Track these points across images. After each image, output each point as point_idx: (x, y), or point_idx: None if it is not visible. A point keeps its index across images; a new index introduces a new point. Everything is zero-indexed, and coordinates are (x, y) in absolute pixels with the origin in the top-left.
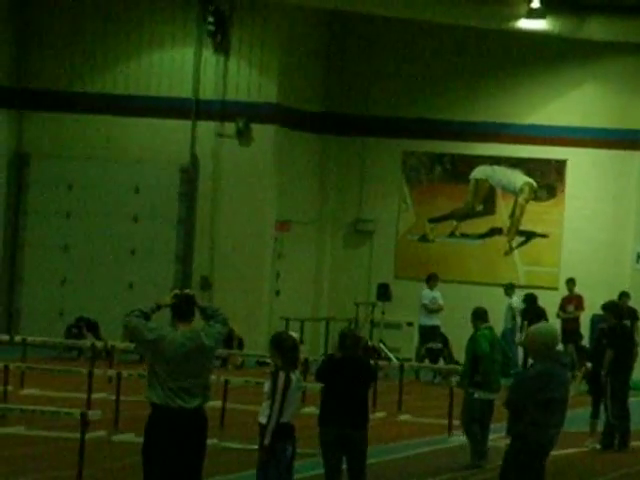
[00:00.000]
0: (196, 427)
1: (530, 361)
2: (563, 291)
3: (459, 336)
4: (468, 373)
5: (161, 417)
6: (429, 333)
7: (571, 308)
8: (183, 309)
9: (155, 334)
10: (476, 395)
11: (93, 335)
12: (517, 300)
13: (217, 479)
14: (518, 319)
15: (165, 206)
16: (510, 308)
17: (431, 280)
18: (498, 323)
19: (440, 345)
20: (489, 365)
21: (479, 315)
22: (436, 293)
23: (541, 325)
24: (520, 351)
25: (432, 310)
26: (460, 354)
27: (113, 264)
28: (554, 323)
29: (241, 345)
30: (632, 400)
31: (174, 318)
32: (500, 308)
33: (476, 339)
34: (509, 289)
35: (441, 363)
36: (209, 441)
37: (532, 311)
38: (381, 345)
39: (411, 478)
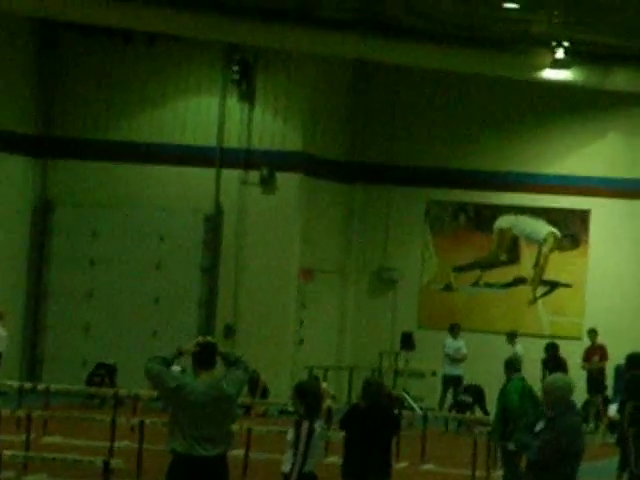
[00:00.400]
0: (218, 476)
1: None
2: (587, 341)
3: (484, 387)
4: (499, 426)
5: (183, 465)
6: (452, 382)
7: (596, 359)
8: (205, 357)
9: (176, 382)
10: (510, 447)
11: (109, 381)
12: (520, 348)
13: None
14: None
15: (189, 254)
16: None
17: (454, 329)
18: (526, 374)
19: (470, 399)
20: (518, 418)
21: (511, 365)
22: (460, 342)
23: (558, 376)
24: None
25: (455, 359)
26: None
27: (137, 312)
28: (577, 374)
29: (265, 394)
30: None
31: (195, 366)
32: (527, 358)
33: (506, 391)
34: (511, 337)
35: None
36: None
37: (553, 360)
38: (404, 394)
39: None
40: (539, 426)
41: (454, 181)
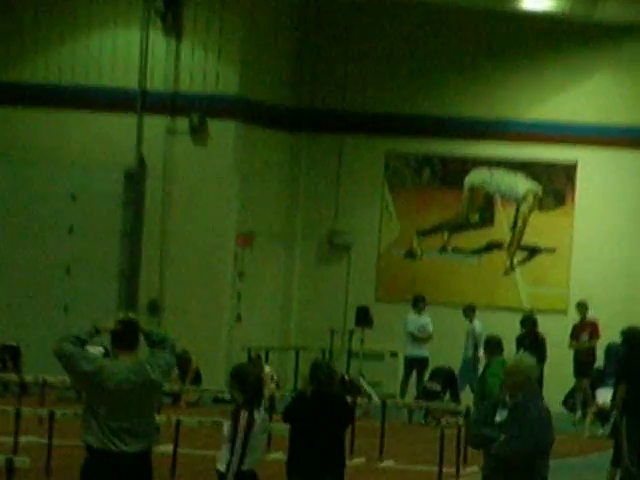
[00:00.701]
0: (140, 475)
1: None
2: (573, 316)
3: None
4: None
5: (99, 463)
6: (416, 365)
7: (585, 337)
8: (125, 336)
9: (94, 365)
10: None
11: (13, 365)
12: (479, 325)
13: None
14: (481, 348)
15: (106, 216)
16: (472, 334)
17: (419, 303)
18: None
19: (439, 387)
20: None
21: (493, 345)
22: (425, 319)
23: (521, 356)
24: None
25: (420, 339)
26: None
27: (45, 284)
28: (560, 353)
29: (197, 379)
30: None
31: (114, 347)
32: (505, 337)
33: (486, 375)
34: (469, 311)
35: None
36: None
37: (529, 337)
38: (360, 379)
39: None
40: (500, 416)
41: (417, 129)
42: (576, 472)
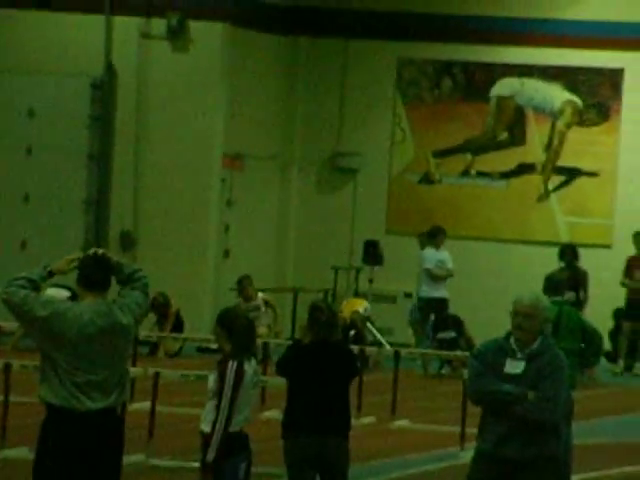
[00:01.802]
0: (109, 436)
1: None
2: (618, 250)
3: (474, 314)
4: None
5: (60, 423)
6: (434, 308)
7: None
8: (91, 273)
9: (49, 309)
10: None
11: None
12: (446, 256)
13: None
14: (425, 281)
15: (71, 134)
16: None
17: (437, 236)
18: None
19: (453, 334)
20: None
21: (552, 284)
22: (443, 254)
23: (539, 294)
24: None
25: (438, 277)
26: (480, 341)
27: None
28: (601, 293)
29: (179, 326)
30: None
31: (80, 287)
32: (536, 273)
33: None
34: (431, 237)
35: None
36: (134, 457)
37: (569, 272)
38: (368, 325)
39: None
40: (511, 367)
41: (435, 31)
42: (619, 433)
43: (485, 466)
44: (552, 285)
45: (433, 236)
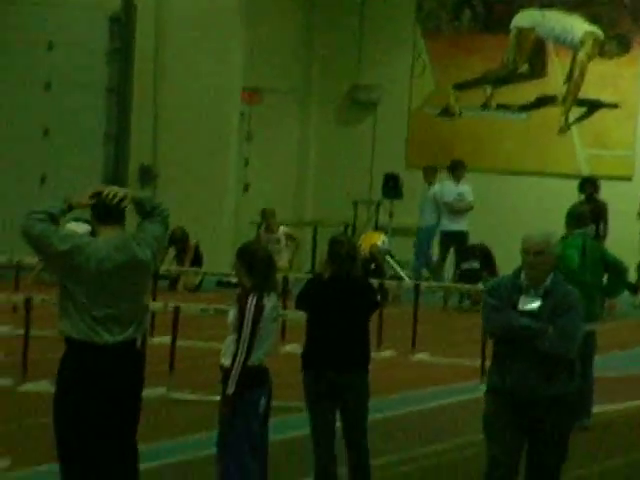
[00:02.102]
0: (129, 368)
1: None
2: (639, 182)
3: (494, 248)
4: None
5: (80, 357)
6: (454, 242)
7: None
8: (107, 208)
9: (69, 243)
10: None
11: None
12: (438, 189)
13: (164, 444)
14: (444, 217)
15: (89, 68)
16: (432, 199)
17: (456, 169)
18: (560, 228)
19: (476, 265)
20: (577, 286)
21: (575, 216)
22: (463, 187)
23: (549, 230)
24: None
25: (458, 210)
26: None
27: (18, 150)
28: (625, 226)
29: (198, 260)
30: None
31: (95, 221)
32: (557, 206)
33: (564, 250)
34: (429, 173)
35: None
36: (154, 391)
37: (589, 204)
38: (388, 258)
39: (429, 439)
40: (525, 304)
41: None
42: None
43: (501, 402)
44: (575, 217)
45: (453, 169)
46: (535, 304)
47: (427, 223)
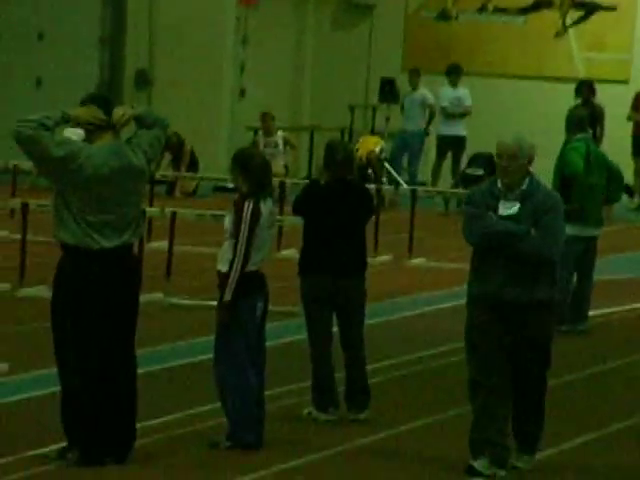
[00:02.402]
0: (125, 273)
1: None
2: (636, 85)
3: (492, 150)
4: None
5: (76, 262)
6: (451, 146)
7: None
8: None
9: (65, 149)
10: (570, 231)
11: None
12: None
13: (162, 348)
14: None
15: None
16: (421, 103)
17: (453, 73)
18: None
19: (480, 172)
20: (584, 190)
21: (575, 121)
22: (461, 91)
23: (520, 133)
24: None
25: (455, 115)
26: None
27: (13, 53)
28: (620, 129)
29: (193, 165)
30: None
31: (91, 129)
32: (554, 109)
33: (565, 154)
34: (413, 75)
35: None
36: (151, 296)
37: (586, 107)
38: (384, 163)
39: (427, 343)
40: (506, 208)
41: None
42: (635, 269)
43: (485, 309)
44: (575, 122)
45: (449, 73)
46: (514, 208)
47: (414, 128)
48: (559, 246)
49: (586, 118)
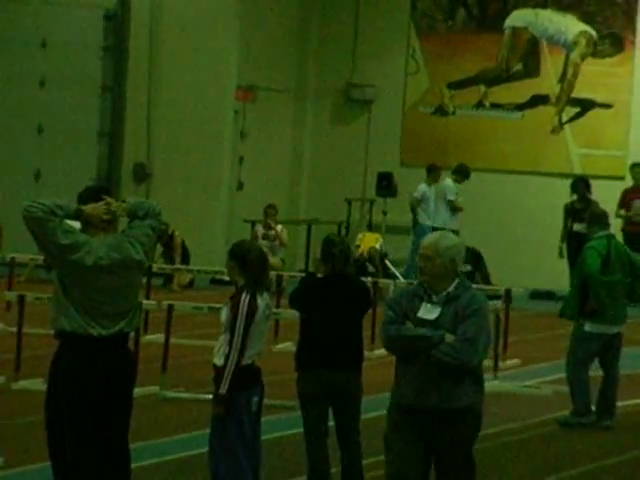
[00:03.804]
0: (121, 361)
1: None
2: (629, 181)
3: (487, 246)
4: (574, 301)
5: (72, 348)
6: None
7: (638, 204)
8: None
9: (71, 239)
10: (587, 328)
11: None
12: (450, 186)
13: (157, 441)
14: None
15: (84, 66)
16: (443, 198)
17: (461, 173)
18: (552, 226)
19: (469, 267)
20: (599, 288)
21: (596, 218)
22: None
23: (442, 233)
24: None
25: (457, 209)
26: (494, 274)
27: (13, 146)
28: (616, 224)
29: (186, 256)
30: None
31: (90, 226)
32: (549, 205)
33: (585, 252)
34: (432, 171)
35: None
36: (147, 390)
37: (582, 203)
38: (386, 262)
39: None
40: (427, 311)
41: None
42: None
43: (404, 419)
44: (597, 218)
45: (458, 172)
46: (434, 312)
47: (440, 224)
48: (479, 353)
49: (606, 215)
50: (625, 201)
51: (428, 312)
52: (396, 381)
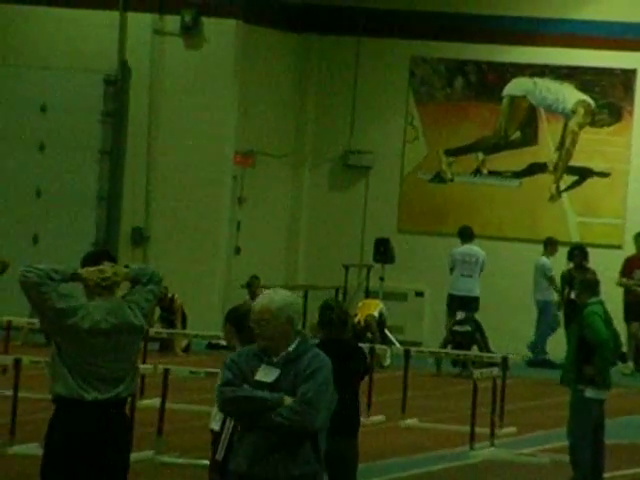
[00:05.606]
0: (116, 426)
1: None
2: (629, 250)
3: (485, 313)
4: (573, 366)
5: (68, 414)
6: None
7: (639, 273)
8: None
9: (66, 302)
10: (588, 394)
11: None
12: (546, 261)
13: None
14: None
15: (83, 131)
16: (542, 271)
17: (468, 235)
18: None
19: (469, 328)
20: (609, 354)
21: (589, 285)
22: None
23: (275, 291)
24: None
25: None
26: (493, 340)
27: (11, 210)
28: (613, 293)
29: (184, 321)
30: None
31: (89, 291)
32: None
33: (586, 318)
34: (550, 245)
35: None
36: (143, 454)
37: (579, 271)
38: (386, 331)
39: None
40: (265, 374)
41: (448, 30)
42: (631, 434)
43: None
44: (588, 286)
45: (464, 235)
46: (273, 374)
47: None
48: (319, 413)
49: (598, 283)
50: (627, 269)
51: (266, 374)
52: (233, 447)
